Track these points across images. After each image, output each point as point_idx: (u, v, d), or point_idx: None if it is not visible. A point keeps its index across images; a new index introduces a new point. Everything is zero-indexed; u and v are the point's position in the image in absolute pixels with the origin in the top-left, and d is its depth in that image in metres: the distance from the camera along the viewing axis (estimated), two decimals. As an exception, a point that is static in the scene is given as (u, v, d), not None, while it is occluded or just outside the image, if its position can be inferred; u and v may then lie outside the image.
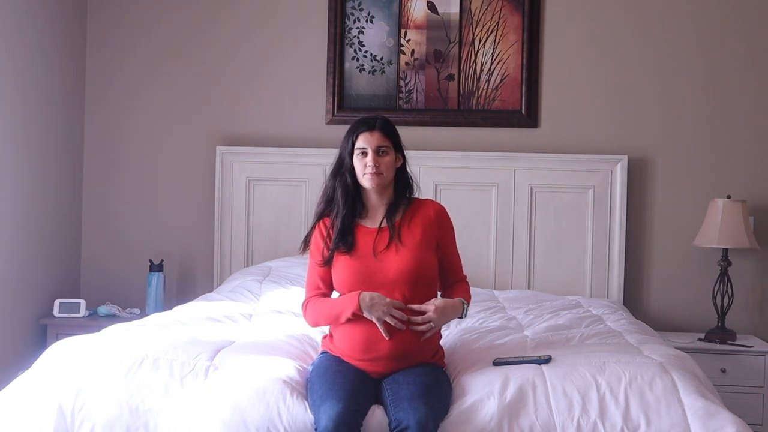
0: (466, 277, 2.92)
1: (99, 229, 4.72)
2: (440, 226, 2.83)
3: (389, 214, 2.81)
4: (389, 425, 2.46)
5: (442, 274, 2.86)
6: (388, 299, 2.65)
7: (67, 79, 4.57)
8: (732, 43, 4.45)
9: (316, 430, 2.42)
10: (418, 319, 2.66)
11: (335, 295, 2.86)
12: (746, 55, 4.44)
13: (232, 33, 4.65)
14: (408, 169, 2.89)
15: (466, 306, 2.80)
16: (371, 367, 2.67)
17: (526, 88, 4.50)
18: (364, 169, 2.77)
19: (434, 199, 3.48)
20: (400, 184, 2.85)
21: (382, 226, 2.80)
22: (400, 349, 2.66)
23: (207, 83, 4.66)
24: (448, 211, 2.90)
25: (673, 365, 2.72)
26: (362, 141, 2.77)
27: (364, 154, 2.77)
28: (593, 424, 2.49)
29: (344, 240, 2.77)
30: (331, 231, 2.80)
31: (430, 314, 2.66)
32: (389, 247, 2.75)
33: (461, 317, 2.80)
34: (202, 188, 4.65)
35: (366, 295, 2.65)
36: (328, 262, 2.79)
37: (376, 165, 2.75)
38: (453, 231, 2.89)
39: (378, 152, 2.76)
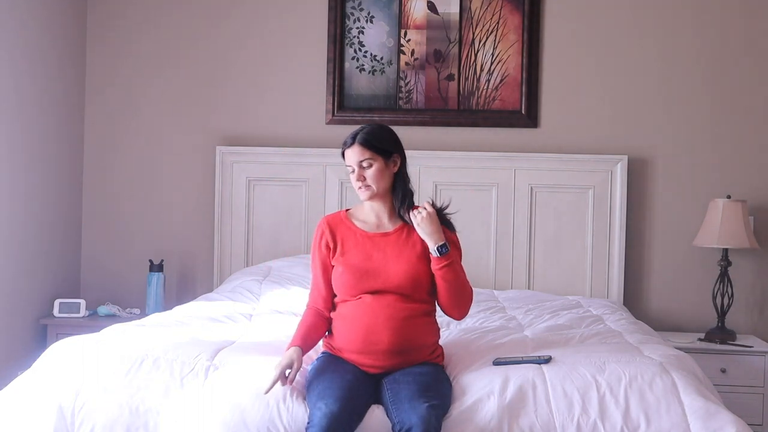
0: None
1: (99, 229, 4.72)
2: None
3: (390, 222, 2.83)
4: (392, 428, 2.45)
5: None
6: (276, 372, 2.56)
7: (67, 80, 4.57)
8: (732, 43, 4.45)
9: (309, 423, 2.43)
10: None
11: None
12: (746, 55, 4.44)
13: (232, 33, 4.65)
14: (406, 172, 2.86)
15: (447, 246, 2.71)
16: (370, 360, 2.68)
17: (526, 88, 4.50)
18: (354, 184, 2.81)
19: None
20: (397, 188, 2.83)
21: (388, 231, 2.81)
22: (399, 343, 2.67)
23: (207, 83, 4.66)
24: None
25: (673, 365, 2.72)
26: (346, 159, 2.81)
27: (352, 170, 2.80)
28: (593, 424, 2.49)
29: (346, 243, 2.79)
30: (332, 233, 2.82)
31: (426, 210, 2.73)
32: (389, 255, 2.76)
33: (440, 248, 2.70)
34: (202, 188, 4.65)
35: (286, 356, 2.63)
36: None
37: (361, 179, 2.77)
38: (454, 239, 2.83)
39: (361, 166, 2.78)
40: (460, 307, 2.81)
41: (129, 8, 4.70)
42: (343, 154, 2.82)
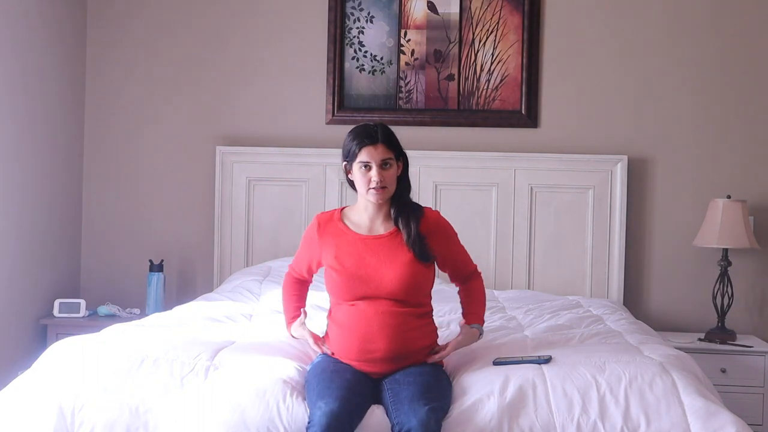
0: (477, 269, 2.95)
1: (99, 229, 4.72)
2: (438, 235, 2.80)
3: (383, 226, 2.79)
4: (391, 429, 2.45)
5: (453, 273, 2.91)
6: (311, 342, 2.80)
7: (67, 80, 4.57)
8: (731, 43, 4.45)
9: (309, 422, 2.42)
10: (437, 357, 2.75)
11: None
12: (746, 55, 4.44)
13: (231, 33, 4.65)
14: (409, 180, 2.86)
15: (481, 331, 2.88)
16: (368, 367, 2.67)
17: (526, 88, 4.50)
18: (368, 184, 2.72)
19: (430, 206, 3.40)
20: (400, 190, 2.81)
21: (380, 234, 2.79)
22: (396, 351, 2.66)
23: (207, 83, 4.66)
24: (443, 214, 2.88)
25: (673, 365, 2.72)
26: (366, 155, 2.70)
27: (367, 168, 2.72)
28: (593, 424, 2.49)
29: (341, 244, 2.78)
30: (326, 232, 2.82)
31: (449, 353, 2.77)
32: (382, 259, 2.73)
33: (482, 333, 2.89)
34: (202, 188, 4.65)
35: (295, 332, 2.91)
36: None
37: (381, 179, 2.71)
38: (453, 233, 2.86)
39: (382, 166, 2.72)
40: None
41: (129, 8, 4.70)
42: (357, 149, 2.71)
